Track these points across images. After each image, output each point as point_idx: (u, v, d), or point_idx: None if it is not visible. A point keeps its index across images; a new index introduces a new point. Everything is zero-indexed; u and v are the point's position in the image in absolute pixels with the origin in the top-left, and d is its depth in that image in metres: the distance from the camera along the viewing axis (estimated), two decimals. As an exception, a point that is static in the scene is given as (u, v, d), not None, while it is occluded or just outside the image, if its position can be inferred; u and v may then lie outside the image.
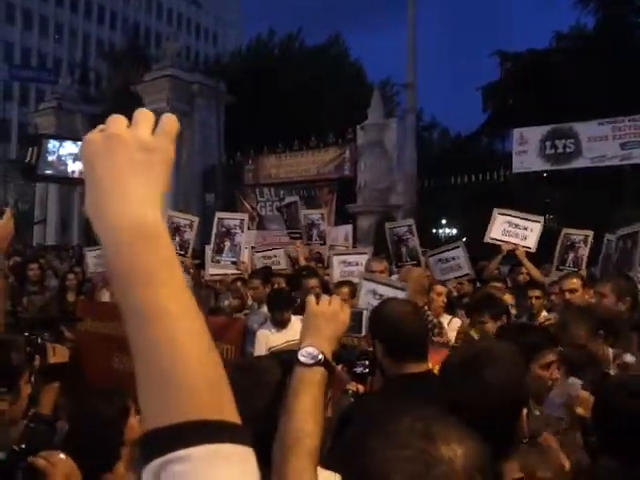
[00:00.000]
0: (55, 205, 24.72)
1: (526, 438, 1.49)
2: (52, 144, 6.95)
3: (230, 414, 0.60)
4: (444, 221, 22.87)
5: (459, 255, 5.21)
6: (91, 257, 6.90)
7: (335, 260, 5.42)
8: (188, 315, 0.62)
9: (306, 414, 1.28)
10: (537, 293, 4.50)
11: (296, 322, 4.51)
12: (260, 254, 6.72)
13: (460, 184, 15.23)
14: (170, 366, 0.58)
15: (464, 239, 16.24)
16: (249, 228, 6.61)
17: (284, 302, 4.52)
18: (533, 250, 5.37)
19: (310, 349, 1.36)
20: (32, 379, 2.02)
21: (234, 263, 5.74)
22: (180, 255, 6.23)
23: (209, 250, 6.15)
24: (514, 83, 24.28)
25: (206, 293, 6.36)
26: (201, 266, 6.67)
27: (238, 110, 21.95)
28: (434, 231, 21.09)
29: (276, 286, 5.22)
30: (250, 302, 5.39)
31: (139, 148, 0.64)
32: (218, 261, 5.80)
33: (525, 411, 1.46)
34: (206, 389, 0.59)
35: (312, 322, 1.45)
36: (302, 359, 1.35)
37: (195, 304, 0.64)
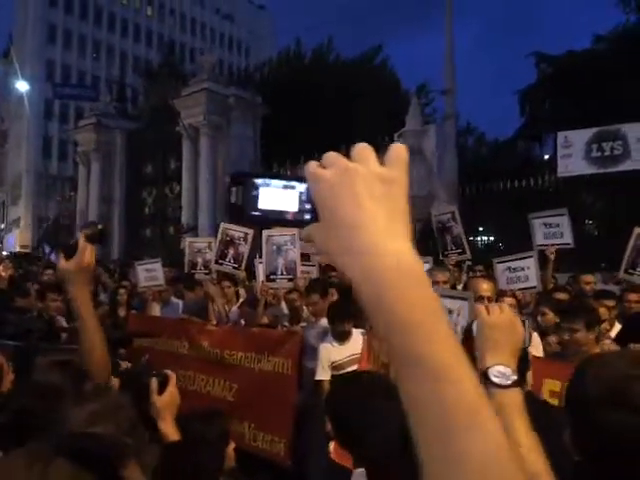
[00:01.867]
0: (96, 220, 25.21)
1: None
2: (257, 182, 6.80)
3: None
4: (481, 228, 22.52)
5: (530, 265, 5.00)
6: (142, 271, 6.93)
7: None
8: (472, 378, 0.54)
9: (531, 447, 1.11)
10: (611, 303, 4.28)
11: (357, 336, 4.41)
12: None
13: (502, 190, 14.97)
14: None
15: (500, 245, 15.95)
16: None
17: (345, 314, 4.42)
18: (572, 245, 5.24)
19: (501, 368, 1.21)
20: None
21: (290, 280, 5.64)
22: (234, 268, 6.22)
23: (258, 264, 6.09)
24: (552, 86, 23.85)
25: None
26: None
27: (273, 121, 22.07)
28: (471, 239, 20.76)
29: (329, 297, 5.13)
30: (306, 314, 5.31)
31: (377, 180, 0.60)
32: (273, 280, 5.68)
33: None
34: None
35: (489, 335, 1.29)
36: (497, 380, 1.19)
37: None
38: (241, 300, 6.24)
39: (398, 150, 0.63)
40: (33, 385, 1.85)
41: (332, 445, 3.61)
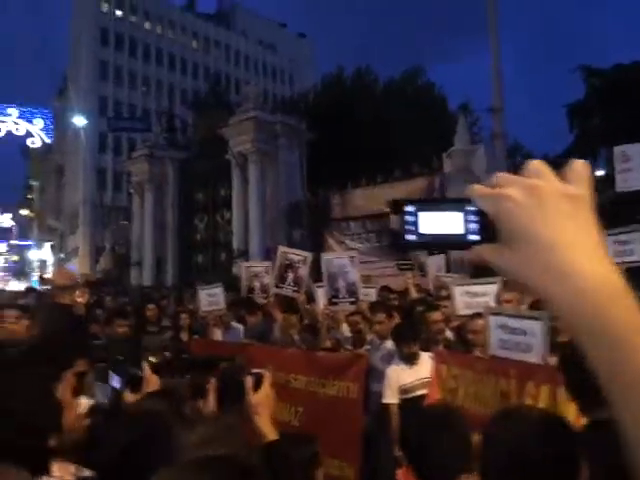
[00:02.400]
0: (150, 248, 25.91)
1: None
2: (412, 208, 6.92)
3: None
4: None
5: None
6: (204, 295, 7.06)
7: (457, 291, 5.22)
8: None
9: None
10: None
11: (426, 359, 4.36)
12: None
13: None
14: None
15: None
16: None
17: (411, 335, 4.39)
18: None
19: None
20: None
21: (353, 303, 5.64)
22: (294, 292, 6.27)
23: (317, 288, 6.11)
24: (601, 100, 23.30)
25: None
26: None
27: (318, 146, 22.33)
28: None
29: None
30: (369, 337, 5.29)
31: (564, 198, 0.59)
32: (336, 303, 5.69)
33: None
34: None
35: None
36: None
37: None
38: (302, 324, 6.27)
39: (580, 167, 0.61)
40: (138, 416, 1.88)
41: (400, 471, 3.56)
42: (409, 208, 0.71)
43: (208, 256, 24.01)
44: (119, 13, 51.91)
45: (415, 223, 0.70)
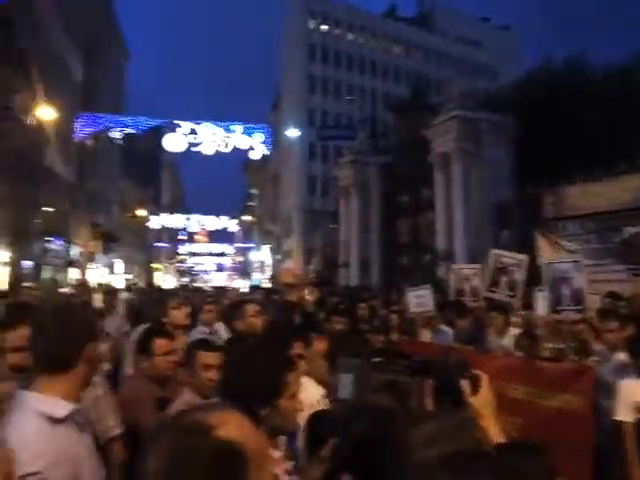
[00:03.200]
0: (356, 249, 26.98)
1: None
2: None
3: None
4: None
5: None
6: (412, 297, 7.13)
7: None
8: None
9: None
10: None
11: (669, 375, 3.86)
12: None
13: None
14: None
15: None
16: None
17: (650, 349, 3.92)
18: None
19: None
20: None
21: (579, 312, 5.21)
22: (509, 297, 6.01)
23: (537, 292, 5.76)
24: None
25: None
26: None
27: (527, 142, 21.04)
28: None
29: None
30: (599, 347, 4.85)
31: None
32: (558, 311, 5.32)
33: None
34: None
35: None
36: None
37: None
38: (516, 331, 5.98)
39: None
40: (370, 410, 1.96)
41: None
42: None
43: (411, 258, 24.18)
44: (324, 28, 54.96)
45: None
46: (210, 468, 0.93)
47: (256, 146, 24.59)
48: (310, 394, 2.87)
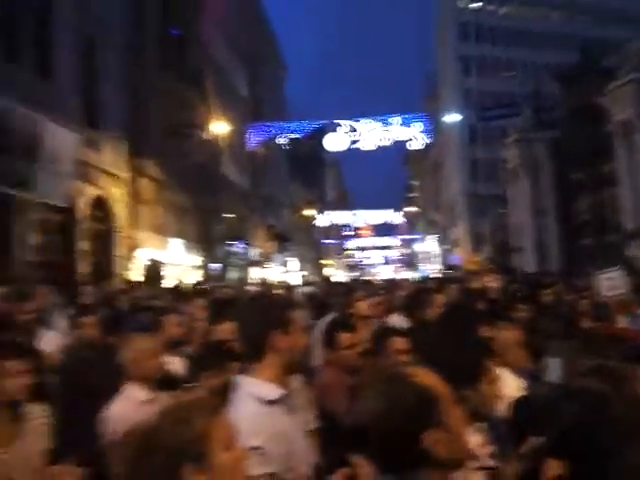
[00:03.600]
0: (530, 233, 25.55)
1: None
2: None
3: None
4: None
5: None
6: (603, 280, 6.60)
7: None
8: None
9: None
10: None
11: None
12: None
13: None
14: None
15: None
16: None
17: None
18: None
19: None
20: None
21: None
22: None
23: None
24: None
25: None
26: None
27: None
28: None
29: None
30: None
31: None
32: None
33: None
34: None
35: None
36: None
37: None
38: None
39: None
40: (581, 393, 1.87)
41: None
42: None
43: (595, 238, 22.24)
44: (476, 5, 52.67)
45: None
46: (415, 406, 1.24)
47: (416, 136, 24.45)
48: (508, 385, 2.82)
